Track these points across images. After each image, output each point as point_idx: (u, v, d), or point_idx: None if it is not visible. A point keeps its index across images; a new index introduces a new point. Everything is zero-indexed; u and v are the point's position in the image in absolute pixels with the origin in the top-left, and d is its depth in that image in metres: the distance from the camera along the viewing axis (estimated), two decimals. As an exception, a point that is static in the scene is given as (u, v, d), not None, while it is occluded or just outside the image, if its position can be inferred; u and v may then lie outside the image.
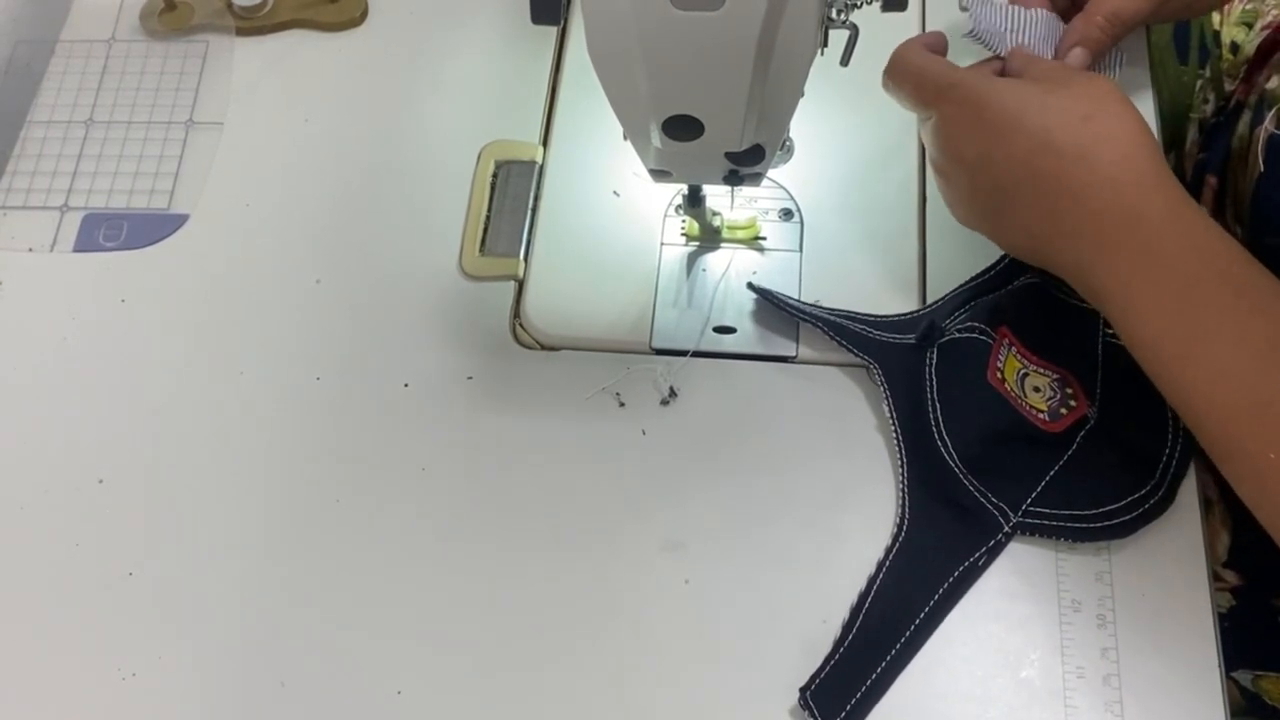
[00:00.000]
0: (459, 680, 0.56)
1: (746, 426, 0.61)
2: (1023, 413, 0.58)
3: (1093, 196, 0.53)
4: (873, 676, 0.54)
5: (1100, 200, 0.52)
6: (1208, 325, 0.50)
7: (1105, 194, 0.52)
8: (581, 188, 0.69)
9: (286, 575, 0.59)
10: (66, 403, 0.65)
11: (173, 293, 0.68)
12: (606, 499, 0.60)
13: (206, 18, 0.76)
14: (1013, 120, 0.54)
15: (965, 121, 0.56)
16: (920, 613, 0.55)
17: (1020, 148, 0.54)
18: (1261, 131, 0.62)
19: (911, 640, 0.55)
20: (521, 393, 0.63)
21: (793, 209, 0.67)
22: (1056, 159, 0.53)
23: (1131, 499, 0.56)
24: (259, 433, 0.63)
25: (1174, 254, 0.51)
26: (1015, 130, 0.54)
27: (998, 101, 0.55)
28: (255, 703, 0.57)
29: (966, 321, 0.60)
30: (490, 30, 0.75)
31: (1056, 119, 0.53)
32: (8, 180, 0.72)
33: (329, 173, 0.71)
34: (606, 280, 0.66)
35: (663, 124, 0.50)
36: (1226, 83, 0.76)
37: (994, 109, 0.55)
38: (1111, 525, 0.56)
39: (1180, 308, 0.51)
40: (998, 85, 0.56)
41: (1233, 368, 0.50)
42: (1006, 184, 0.55)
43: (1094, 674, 0.54)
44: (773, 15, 0.44)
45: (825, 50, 0.50)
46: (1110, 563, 0.56)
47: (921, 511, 0.57)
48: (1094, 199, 0.52)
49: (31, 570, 0.61)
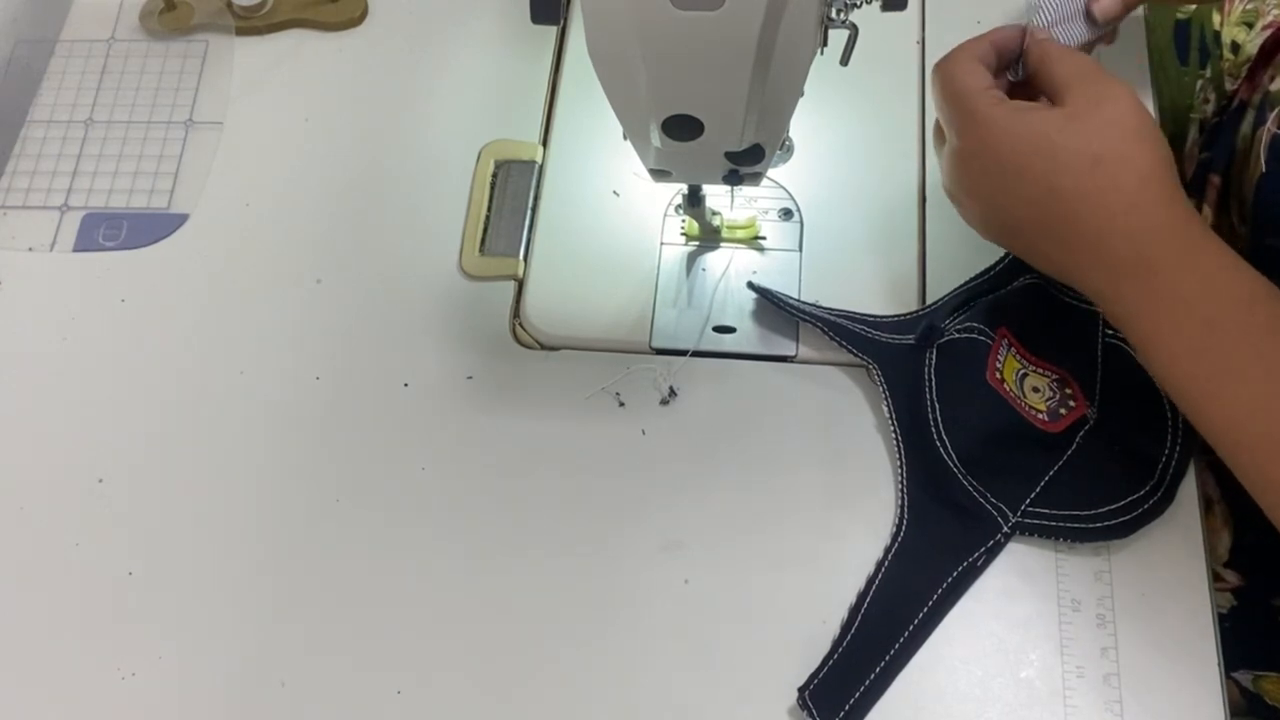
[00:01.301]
0: (459, 680, 0.56)
1: (746, 426, 0.61)
2: (1022, 413, 0.58)
3: (1104, 244, 0.52)
4: (871, 676, 0.54)
5: (1111, 249, 0.52)
6: (1232, 364, 0.50)
7: (1115, 241, 0.52)
8: (581, 188, 0.69)
9: (286, 575, 0.59)
10: (66, 403, 0.65)
11: (173, 293, 0.68)
12: (606, 499, 0.60)
13: (206, 17, 0.76)
14: (1021, 166, 0.53)
15: (975, 159, 0.55)
16: (919, 613, 0.55)
17: (1028, 192, 0.53)
18: (1265, 132, 0.62)
19: (910, 640, 0.55)
20: (521, 393, 0.63)
21: (793, 209, 0.67)
22: (1065, 205, 0.52)
23: (1131, 499, 0.56)
24: (259, 432, 0.63)
25: (1192, 297, 0.51)
26: (1022, 175, 0.53)
27: (1007, 147, 0.53)
28: (255, 703, 0.57)
29: (966, 322, 0.60)
30: (490, 30, 0.75)
31: (1065, 163, 0.52)
32: (8, 180, 0.72)
33: (329, 173, 0.71)
34: (606, 280, 0.66)
35: (663, 124, 0.50)
36: (1227, 82, 0.76)
37: (1002, 154, 0.53)
38: (1111, 525, 0.56)
39: (1202, 349, 0.51)
40: (1012, 126, 0.53)
41: (1262, 402, 0.50)
42: (1021, 221, 0.55)
43: (1094, 674, 0.54)
44: (773, 15, 0.44)
45: (825, 50, 0.50)
46: (1110, 562, 0.56)
47: (920, 511, 0.57)
48: (1105, 246, 0.52)
49: (31, 570, 0.61)
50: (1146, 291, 0.52)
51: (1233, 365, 0.50)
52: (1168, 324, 0.51)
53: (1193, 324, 0.51)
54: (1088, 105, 0.53)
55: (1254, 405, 0.50)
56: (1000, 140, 0.54)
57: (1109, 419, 0.57)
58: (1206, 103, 0.78)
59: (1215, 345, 0.51)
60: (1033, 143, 0.53)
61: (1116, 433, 0.56)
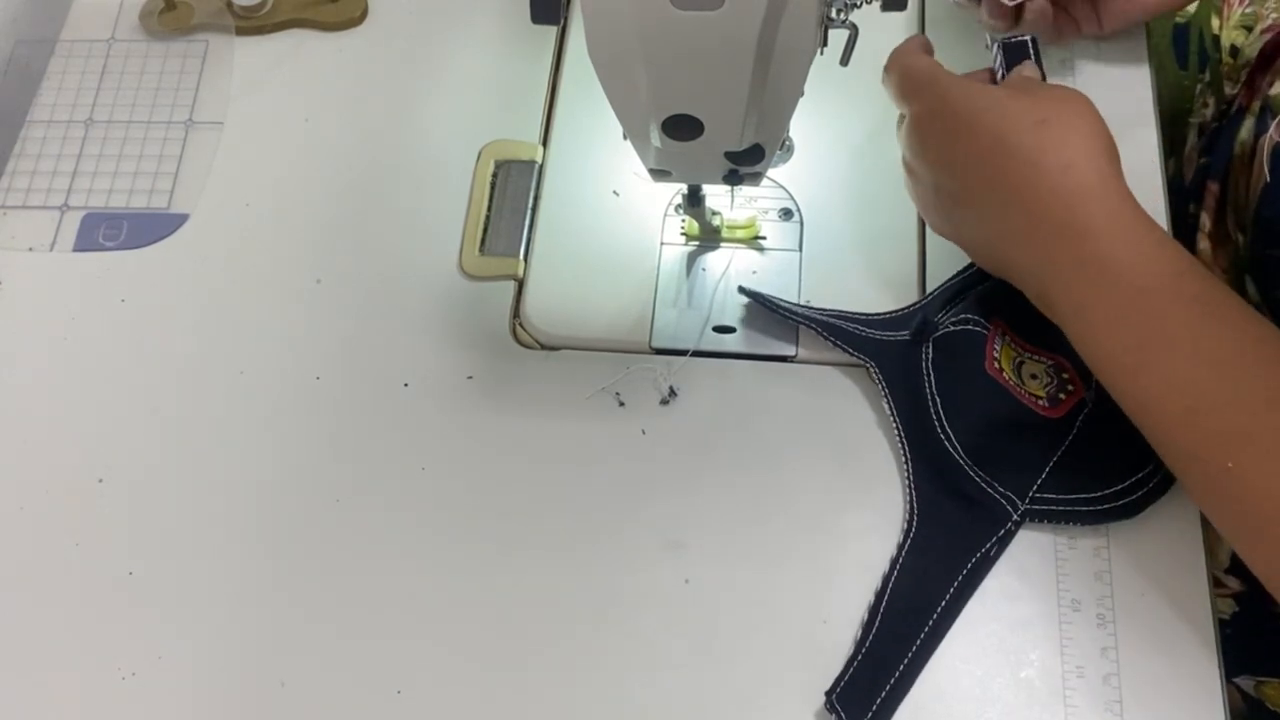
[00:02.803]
0: (459, 680, 0.56)
1: (746, 426, 0.61)
2: (1023, 400, 0.58)
3: (1039, 202, 0.53)
4: (896, 674, 0.54)
5: (1046, 207, 0.53)
6: (1161, 335, 0.51)
7: (1051, 201, 0.52)
8: (581, 187, 0.69)
9: (286, 575, 0.59)
10: (66, 403, 0.65)
11: (173, 292, 0.68)
12: (606, 499, 0.60)
13: (206, 17, 0.76)
14: (972, 119, 0.55)
15: (931, 120, 0.57)
16: (938, 607, 0.55)
17: (977, 147, 0.54)
18: (1267, 140, 0.62)
19: (931, 635, 0.55)
20: (521, 393, 0.63)
21: (792, 209, 0.67)
22: (1008, 160, 0.53)
23: (1135, 479, 0.56)
24: (259, 432, 0.63)
25: (1123, 265, 0.51)
26: (973, 130, 0.54)
27: (962, 101, 0.55)
28: (255, 703, 0.57)
29: (959, 314, 0.60)
30: (490, 30, 0.75)
31: (1013, 122, 0.54)
32: (8, 180, 0.72)
33: (329, 173, 0.71)
34: (606, 280, 0.66)
35: (663, 124, 0.50)
36: (1227, 86, 0.76)
37: (957, 108, 0.55)
38: (1118, 506, 0.56)
39: (1132, 319, 0.51)
40: (966, 87, 0.56)
41: (1189, 376, 0.50)
42: (964, 185, 0.56)
43: (1094, 674, 0.54)
44: (772, 15, 0.44)
45: (825, 50, 0.51)
46: (1110, 562, 0.56)
47: (930, 506, 0.57)
48: (1040, 205, 0.53)
49: (31, 570, 0.60)
50: (1078, 256, 0.52)
51: (1162, 338, 0.51)
52: (1098, 292, 0.52)
53: (1125, 291, 0.51)
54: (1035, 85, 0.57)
55: (1180, 378, 0.50)
56: (955, 99, 0.56)
57: (1106, 399, 0.57)
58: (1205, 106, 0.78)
59: (1143, 317, 0.51)
60: (985, 101, 0.55)
61: (1115, 413, 0.56)
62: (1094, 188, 0.52)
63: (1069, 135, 0.53)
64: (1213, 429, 0.49)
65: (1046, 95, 0.55)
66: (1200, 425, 0.50)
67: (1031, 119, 0.53)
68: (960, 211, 0.57)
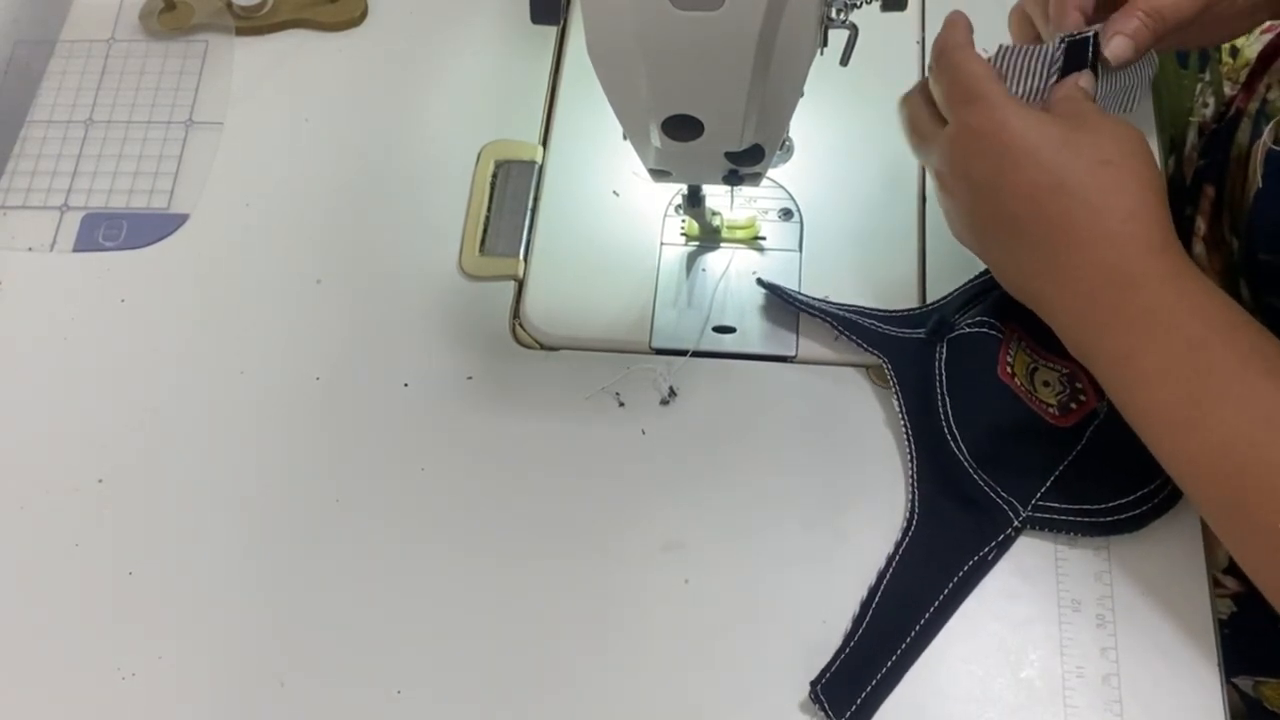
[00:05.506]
0: (459, 680, 0.56)
1: (746, 426, 0.61)
2: (1033, 407, 0.58)
3: (1095, 247, 0.52)
4: (883, 671, 0.54)
5: (1103, 254, 0.51)
6: (1214, 389, 0.49)
7: (1109, 248, 0.51)
8: (581, 188, 0.69)
9: (286, 575, 0.59)
10: (66, 403, 0.65)
11: (172, 292, 0.68)
12: (606, 499, 0.60)
13: (206, 18, 0.76)
14: (1029, 151, 0.52)
15: (979, 140, 0.54)
16: (930, 607, 0.55)
17: (1031, 181, 0.52)
18: (1260, 147, 0.61)
19: (921, 635, 0.55)
20: (521, 393, 0.63)
21: (792, 209, 0.67)
22: (1067, 200, 0.52)
23: (1140, 493, 0.56)
24: (259, 432, 0.63)
25: (1178, 317, 0.50)
26: (1029, 162, 0.52)
27: (1020, 133, 0.53)
28: (255, 703, 0.57)
29: (976, 316, 0.60)
30: (490, 30, 0.75)
31: (1074, 159, 0.52)
32: (7, 180, 0.72)
33: (329, 173, 0.71)
34: (606, 280, 0.66)
35: (663, 124, 0.50)
36: (1227, 86, 0.76)
37: (1013, 139, 0.53)
38: (1121, 519, 0.56)
39: (1185, 372, 0.50)
40: (1025, 116, 0.53)
41: (1241, 432, 0.49)
42: (1010, 215, 0.54)
43: (1094, 674, 0.54)
44: (772, 15, 0.44)
45: (825, 50, 0.51)
46: (1110, 563, 0.56)
47: (931, 507, 0.57)
48: (1096, 250, 0.52)
49: (31, 570, 0.60)
50: (1131, 308, 0.51)
51: (1215, 392, 0.49)
52: (1151, 344, 0.51)
53: (1178, 342, 0.50)
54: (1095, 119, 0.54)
55: (1233, 433, 0.49)
56: (1013, 124, 0.53)
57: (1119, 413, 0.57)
58: (1205, 106, 0.78)
59: (1197, 370, 0.50)
60: (1044, 132, 0.53)
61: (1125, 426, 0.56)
62: (1159, 237, 0.51)
63: (1128, 180, 0.52)
64: (1265, 486, 0.48)
65: (1109, 133, 0.53)
66: (1251, 483, 0.48)
67: (1093, 159, 0.52)
68: (995, 234, 0.56)
